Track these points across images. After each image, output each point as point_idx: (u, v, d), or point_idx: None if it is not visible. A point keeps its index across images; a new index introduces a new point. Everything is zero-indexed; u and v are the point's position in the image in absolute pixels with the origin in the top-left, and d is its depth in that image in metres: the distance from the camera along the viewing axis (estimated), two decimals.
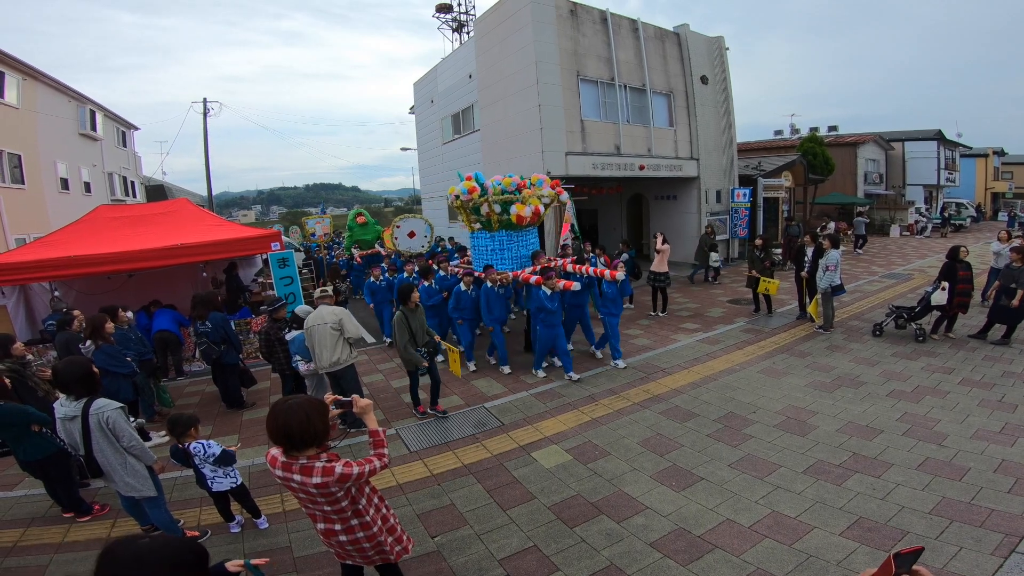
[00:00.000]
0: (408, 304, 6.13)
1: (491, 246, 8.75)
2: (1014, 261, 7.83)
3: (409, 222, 12.42)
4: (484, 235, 8.83)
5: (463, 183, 8.48)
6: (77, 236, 8.66)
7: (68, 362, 3.95)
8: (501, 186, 8.50)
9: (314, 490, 2.50)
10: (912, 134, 31.83)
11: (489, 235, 8.74)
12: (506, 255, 8.72)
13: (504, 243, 8.70)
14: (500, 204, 8.39)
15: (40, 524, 4.64)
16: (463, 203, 8.56)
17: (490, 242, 8.75)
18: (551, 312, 7.22)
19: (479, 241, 8.96)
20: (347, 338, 6.00)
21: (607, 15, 15.07)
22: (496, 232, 8.67)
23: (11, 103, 16.45)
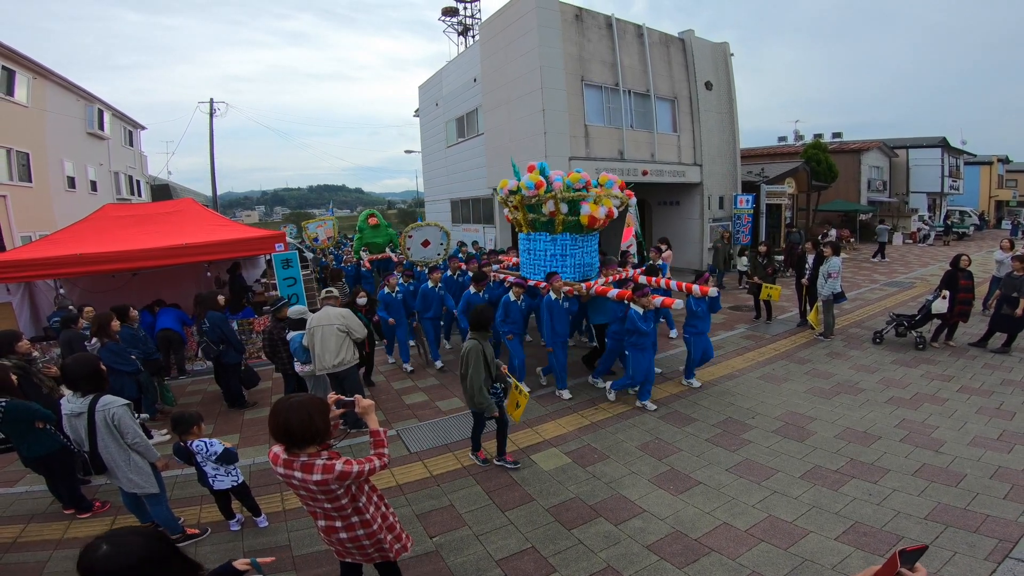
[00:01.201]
0: (482, 330, 5.04)
1: (551, 250, 7.62)
2: (1016, 270, 7.85)
3: (422, 231, 11.46)
4: (543, 237, 7.68)
5: (527, 176, 7.33)
6: (83, 234, 8.74)
7: (77, 359, 4.01)
8: (567, 183, 7.39)
9: (315, 487, 2.54)
10: (916, 141, 31.84)
11: (550, 237, 7.60)
12: (568, 262, 7.59)
13: (567, 248, 7.58)
14: (568, 203, 7.32)
15: (41, 520, 4.68)
16: (524, 198, 7.43)
17: (550, 246, 7.62)
18: (644, 334, 6.32)
19: (536, 244, 7.80)
20: (355, 339, 6.02)
21: (612, 20, 15.15)
22: (558, 235, 7.55)
23: (21, 101, 16.61)
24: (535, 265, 7.86)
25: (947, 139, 31.26)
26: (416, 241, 11.28)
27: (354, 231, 16.52)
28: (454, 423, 6.40)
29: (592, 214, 7.26)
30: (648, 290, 6.51)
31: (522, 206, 7.58)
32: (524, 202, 7.48)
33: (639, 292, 6.39)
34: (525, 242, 8.06)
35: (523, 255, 8.25)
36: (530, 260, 7.99)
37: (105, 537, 1.64)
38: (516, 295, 7.22)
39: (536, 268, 7.82)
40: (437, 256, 11.44)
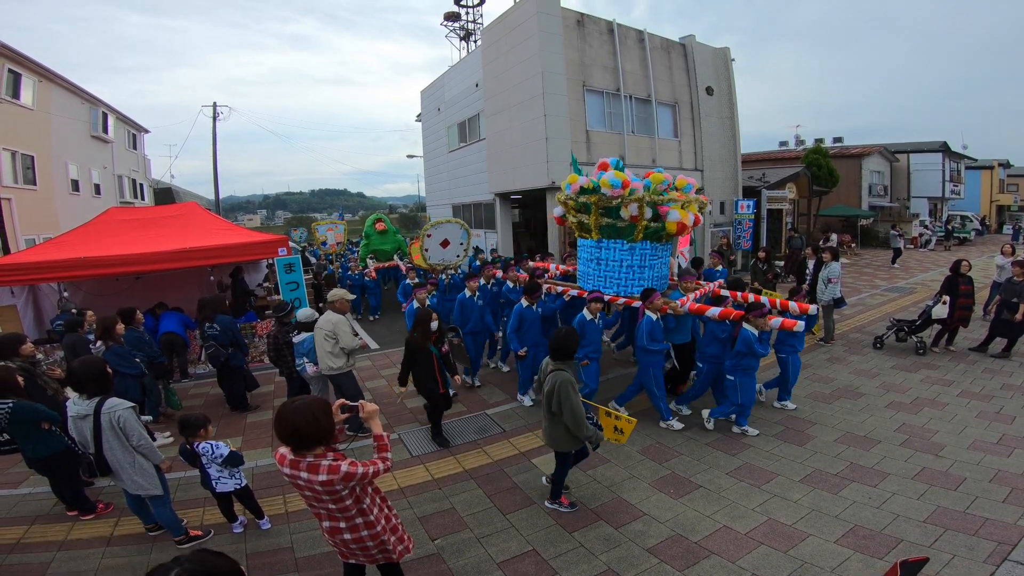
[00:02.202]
0: (568, 358, 4.31)
1: (628, 260, 6.72)
2: (1016, 275, 7.87)
3: (442, 229, 10.29)
4: (619, 245, 6.71)
5: (609, 174, 6.41)
6: (87, 238, 8.79)
7: (84, 361, 4.05)
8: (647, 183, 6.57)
9: (320, 487, 2.58)
10: (917, 146, 31.88)
11: (627, 246, 6.67)
12: (647, 274, 6.75)
13: (647, 258, 6.73)
14: (652, 207, 6.39)
15: (44, 522, 4.70)
16: (602, 199, 6.48)
17: (627, 255, 6.70)
18: (758, 357, 5.75)
19: (609, 253, 6.83)
20: (342, 348, 5.90)
21: (613, 26, 15.24)
22: (638, 243, 6.64)
23: (27, 104, 16.70)
24: (606, 276, 6.91)
25: (948, 143, 31.31)
26: (435, 241, 10.11)
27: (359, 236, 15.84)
28: (455, 427, 6.42)
29: (682, 220, 6.37)
30: (767, 309, 5.88)
31: (595, 208, 6.60)
32: (602, 203, 6.51)
33: (756, 311, 5.68)
34: (593, 250, 7.00)
35: (587, 264, 7.15)
36: (598, 270, 6.99)
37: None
38: (593, 312, 6.20)
39: (608, 280, 6.89)
40: (457, 258, 10.41)
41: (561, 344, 4.26)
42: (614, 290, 6.81)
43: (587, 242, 7.11)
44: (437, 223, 10.36)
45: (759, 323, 5.65)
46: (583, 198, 6.71)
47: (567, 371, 4.18)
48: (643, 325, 5.96)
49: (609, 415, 4.71)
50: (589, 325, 6.18)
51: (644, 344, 5.92)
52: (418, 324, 5.56)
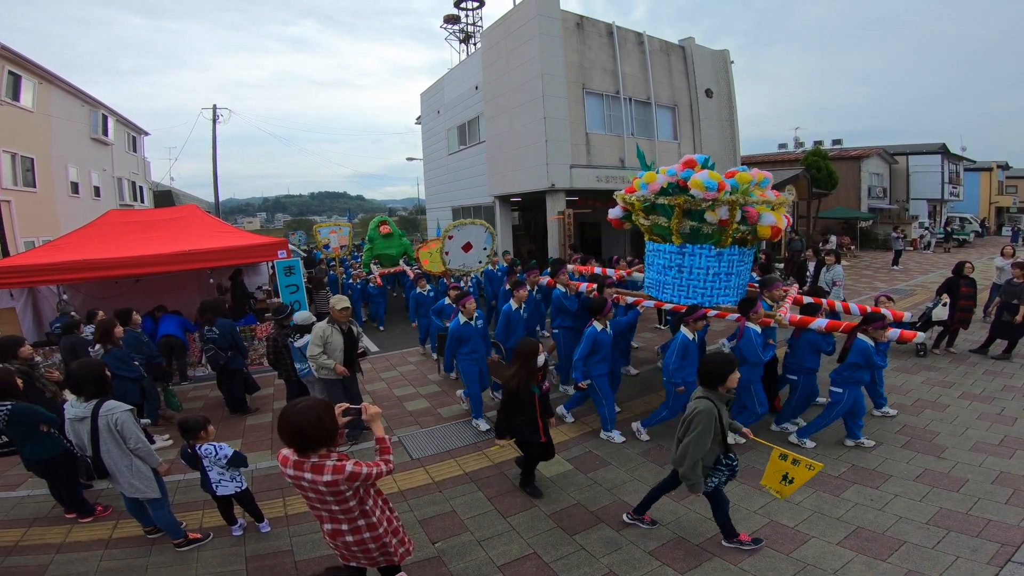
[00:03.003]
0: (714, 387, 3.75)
1: (715, 268, 6.13)
2: (1016, 277, 7.87)
3: (465, 231, 9.41)
4: (705, 251, 6.12)
5: (704, 175, 5.66)
6: (86, 240, 8.78)
7: (83, 364, 4.04)
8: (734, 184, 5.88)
9: (324, 488, 2.58)
10: (916, 148, 31.96)
11: (715, 252, 6.08)
12: (733, 282, 6.26)
13: (734, 264, 6.20)
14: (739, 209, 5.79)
15: (42, 524, 4.68)
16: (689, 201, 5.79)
17: (714, 262, 6.11)
18: (875, 368, 5.54)
19: (694, 259, 6.17)
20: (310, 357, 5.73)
21: (613, 28, 15.27)
22: (725, 249, 6.09)
23: (27, 107, 16.72)
24: (689, 285, 6.28)
25: (947, 145, 31.38)
26: (456, 244, 9.23)
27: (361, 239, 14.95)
28: (455, 430, 6.40)
29: (777, 224, 5.85)
30: (888, 321, 5.50)
31: (679, 211, 5.95)
32: (690, 206, 5.85)
33: (876, 323, 5.31)
34: (674, 256, 6.32)
35: (664, 272, 6.50)
36: (680, 279, 6.33)
37: None
38: (693, 331, 5.53)
39: (691, 289, 6.27)
40: (479, 264, 9.64)
41: (714, 369, 3.73)
42: (698, 300, 6.18)
43: (664, 247, 6.42)
44: (460, 224, 9.48)
45: (878, 335, 5.33)
46: (663, 199, 6.01)
47: (713, 400, 3.67)
48: (751, 339, 5.49)
49: (784, 458, 3.79)
50: (691, 346, 5.54)
51: (759, 359, 5.47)
52: (521, 359, 4.48)
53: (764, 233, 5.93)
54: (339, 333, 5.76)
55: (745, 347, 5.44)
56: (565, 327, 7.10)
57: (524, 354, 4.50)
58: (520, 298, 6.84)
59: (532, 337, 4.66)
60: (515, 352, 4.57)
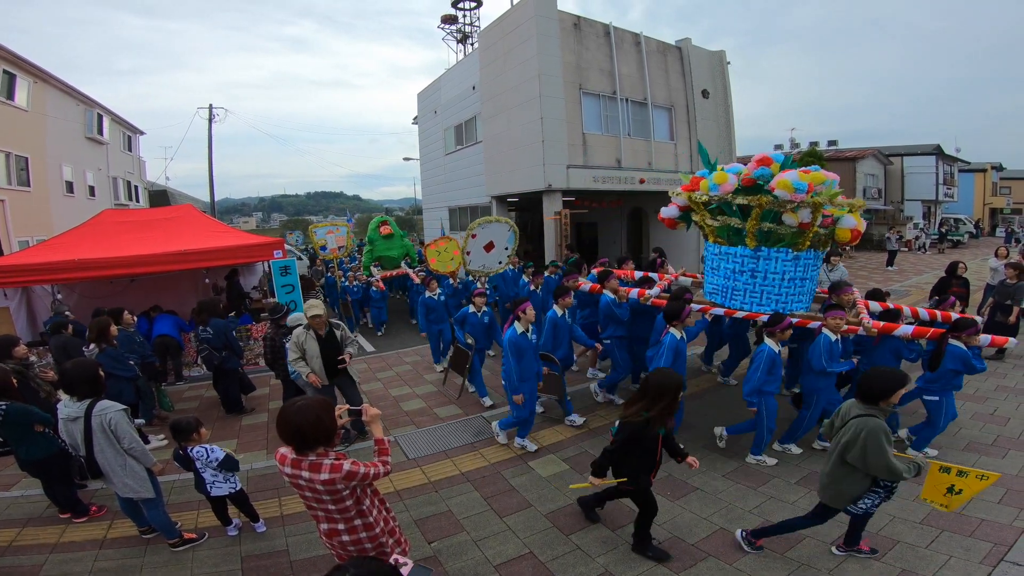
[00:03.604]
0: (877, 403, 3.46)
1: (791, 273, 5.70)
2: (1009, 277, 7.91)
3: (489, 229, 8.86)
4: (782, 255, 5.67)
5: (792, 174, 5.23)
6: (81, 240, 8.75)
7: (76, 363, 4.02)
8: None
9: (321, 487, 2.59)
10: (911, 149, 32.13)
11: (792, 255, 5.66)
12: (807, 287, 5.93)
13: (808, 269, 5.83)
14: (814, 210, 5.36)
15: (36, 524, 4.66)
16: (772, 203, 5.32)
17: (791, 266, 5.68)
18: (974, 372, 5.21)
19: (770, 264, 5.72)
20: None
21: (610, 29, 15.29)
22: (803, 252, 5.69)
23: (21, 106, 16.65)
24: (762, 291, 5.86)
25: (941, 147, 31.55)
26: (479, 243, 8.67)
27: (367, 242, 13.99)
28: (452, 430, 6.40)
29: (857, 228, 5.60)
30: (979, 327, 5.29)
31: (757, 212, 5.50)
32: (772, 206, 5.40)
33: (971, 329, 5.08)
34: (748, 260, 5.84)
35: (734, 277, 6.03)
36: (753, 284, 5.90)
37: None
38: (778, 342, 5.15)
39: (764, 295, 5.85)
40: (499, 265, 9.11)
41: (876, 384, 3.44)
42: (771, 307, 5.81)
43: (734, 250, 5.94)
44: (485, 221, 8.84)
45: (971, 340, 5.12)
46: (741, 199, 5.54)
47: (879, 417, 3.40)
48: (820, 345, 5.16)
49: (946, 471, 3.48)
50: (779, 360, 5.14)
51: (821, 366, 5.13)
52: (663, 394, 3.60)
53: (844, 236, 5.70)
54: (314, 339, 5.51)
55: (815, 351, 5.16)
56: (618, 336, 6.65)
57: (665, 389, 3.59)
58: (565, 305, 6.34)
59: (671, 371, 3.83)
60: (653, 385, 3.62)
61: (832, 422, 3.72)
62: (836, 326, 5.18)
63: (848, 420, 3.50)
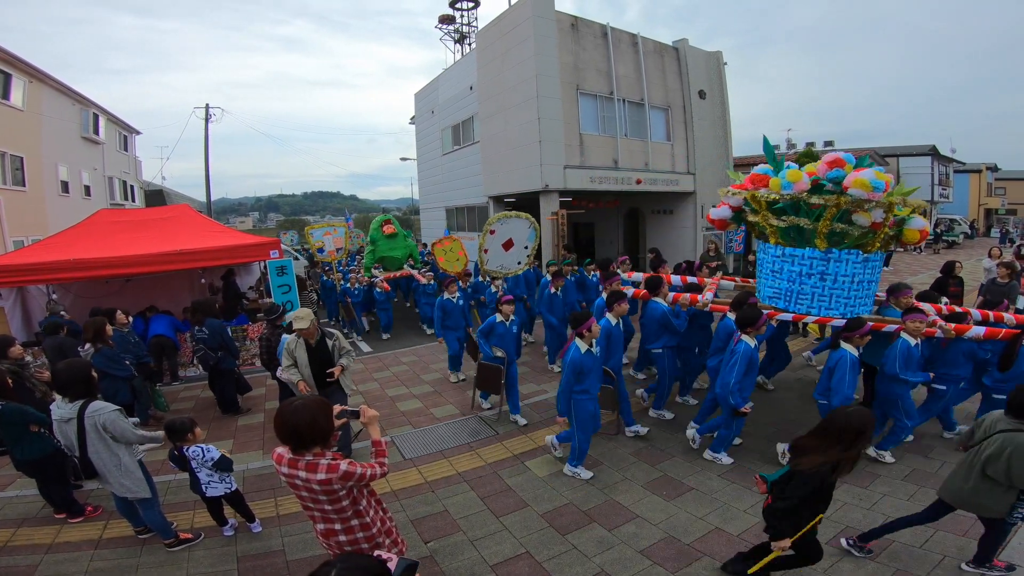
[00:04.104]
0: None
1: (860, 275, 5.55)
2: (1000, 276, 7.95)
3: (509, 225, 8.15)
4: (853, 257, 5.49)
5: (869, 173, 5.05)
6: (76, 239, 8.71)
7: (68, 364, 4.00)
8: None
9: (317, 487, 2.59)
10: (906, 149, 32.21)
11: (861, 257, 5.50)
12: (873, 290, 5.81)
13: (875, 271, 5.72)
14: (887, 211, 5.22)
15: (32, 524, 4.66)
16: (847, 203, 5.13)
17: (860, 268, 5.52)
18: None
19: (840, 266, 5.52)
20: None
21: (607, 29, 15.30)
22: (872, 254, 5.55)
23: (16, 105, 16.56)
24: (831, 295, 5.63)
25: (937, 147, 31.65)
26: (497, 240, 8.01)
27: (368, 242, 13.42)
28: (448, 430, 6.41)
29: (926, 228, 5.56)
30: None
31: (831, 212, 5.28)
32: (848, 207, 5.20)
33: None
34: (818, 263, 5.60)
35: (801, 281, 5.76)
36: (821, 287, 5.65)
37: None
38: (854, 347, 4.92)
39: (833, 299, 5.63)
40: (518, 265, 8.45)
41: None
42: (840, 311, 5.62)
43: (802, 252, 5.70)
44: (504, 217, 8.11)
45: None
46: (816, 198, 5.27)
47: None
48: (898, 350, 5.02)
49: None
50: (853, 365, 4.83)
51: (896, 372, 5.00)
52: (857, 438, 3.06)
53: (912, 237, 5.55)
54: (304, 348, 5.25)
55: (892, 356, 5.03)
56: (671, 347, 6.30)
57: (856, 431, 3.04)
58: (620, 312, 5.86)
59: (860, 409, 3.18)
60: (842, 428, 3.08)
61: (972, 431, 3.59)
62: (916, 330, 5.00)
63: (992, 433, 3.35)
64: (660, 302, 6.26)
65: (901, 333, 5.10)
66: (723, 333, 5.61)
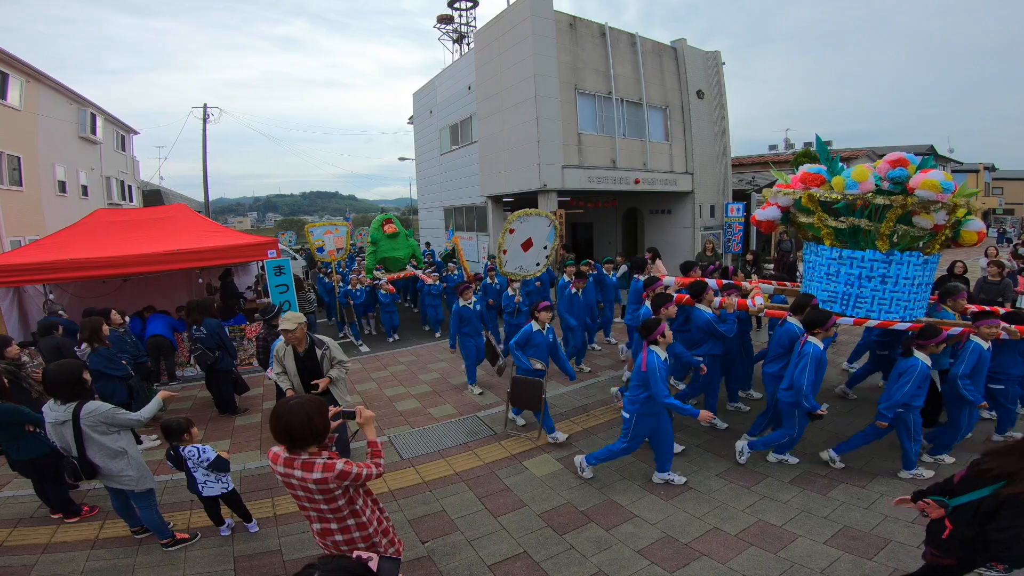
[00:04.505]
0: None
1: (920, 278, 5.48)
2: (992, 275, 7.96)
3: (529, 223, 7.58)
4: (913, 259, 5.38)
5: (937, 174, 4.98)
6: (73, 239, 8.68)
7: (58, 366, 3.95)
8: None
9: (313, 486, 2.59)
10: (903, 149, 32.21)
11: (922, 259, 5.41)
12: (927, 292, 5.72)
13: (932, 273, 5.66)
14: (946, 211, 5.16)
15: (28, 524, 4.65)
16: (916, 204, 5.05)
17: (920, 271, 5.44)
18: None
19: (902, 268, 5.41)
20: None
21: (606, 29, 15.30)
22: (931, 256, 5.49)
23: (13, 105, 16.52)
24: (892, 298, 5.50)
25: (934, 147, 31.69)
26: (517, 240, 7.49)
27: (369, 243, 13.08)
28: (446, 430, 6.40)
29: (983, 231, 5.47)
30: None
31: (897, 214, 5.16)
32: (916, 208, 5.10)
33: None
34: (880, 265, 5.45)
35: (860, 284, 5.60)
36: (882, 290, 5.52)
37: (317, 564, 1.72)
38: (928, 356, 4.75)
39: (893, 302, 5.50)
40: (536, 267, 7.90)
41: None
42: (899, 315, 5.51)
43: (862, 254, 5.53)
44: (524, 214, 7.56)
45: None
46: (882, 199, 5.14)
47: None
48: (969, 353, 4.90)
49: None
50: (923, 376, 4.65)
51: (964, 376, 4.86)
52: None
53: (970, 239, 5.44)
54: (292, 356, 5.00)
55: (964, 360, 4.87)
56: (715, 355, 6.03)
57: None
58: (668, 315, 5.60)
59: None
60: None
61: None
62: (991, 334, 4.91)
63: None
64: (704, 309, 5.99)
65: (972, 337, 4.97)
66: (784, 338, 5.38)
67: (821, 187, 5.58)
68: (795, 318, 5.35)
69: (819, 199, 5.58)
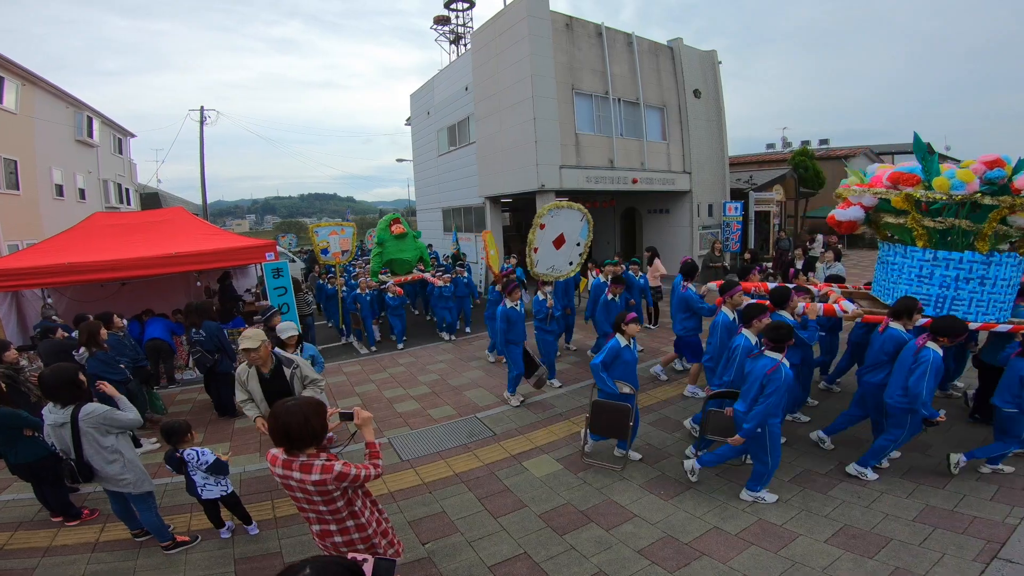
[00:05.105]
0: None
1: (1015, 279, 5.37)
2: None
3: (561, 216, 7.03)
4: (1011, 260, 5.26)
5: None
6: (71, 243, 8.67)
7: (54, 369, 3.95)
8: None
9: (312, 487, 2.59)
10: (901, 147, 32.30)
11: (1017, 260, 5.30)
12: (1014, 294, 5.53)
13: (1020, 274, 5.44)
14: None
15: (28, 528, 4.64)
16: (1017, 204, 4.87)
17: (1015, 271, 5.30)
18: None
19: (1000, 270, 5.22)
20: None
21: (602, 29, 15.31)
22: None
23: (9, 108, 16.50)
24: (990, 299, 5.30)
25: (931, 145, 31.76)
26: (548, 236, 6.92)
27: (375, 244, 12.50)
28: (445, 431, 6.39)
29: None
30: None
31: (1001, 214, 5.01)
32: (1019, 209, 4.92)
33: None
34: (980, 267, 5.23)
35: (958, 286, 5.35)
36: (981, 292, 5.31)
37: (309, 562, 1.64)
38: None
39: (991, 304, 5.30)
40: (569, 267, 7.37)
41: None
42: (995, 317, 5.32)
43: (960, 256, 5.31)
44: (556, 207, 6.96)
45: None
46: (989, 200, 4.95)
47: None
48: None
49: None
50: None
51: None
52: None
53: None
54: (256, 379, 4.51)
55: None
56: (795, 364, 5.43)
57: None
58: (759, 329, 5.03)
59: None
60: None
61: None
62: None
63: None
64: (786, 315, 5.56)
65: None
66: (889, 345, 5.00)
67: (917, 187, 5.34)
68: (898, 323, 5.01)
69: (917, 199, 5.32)
